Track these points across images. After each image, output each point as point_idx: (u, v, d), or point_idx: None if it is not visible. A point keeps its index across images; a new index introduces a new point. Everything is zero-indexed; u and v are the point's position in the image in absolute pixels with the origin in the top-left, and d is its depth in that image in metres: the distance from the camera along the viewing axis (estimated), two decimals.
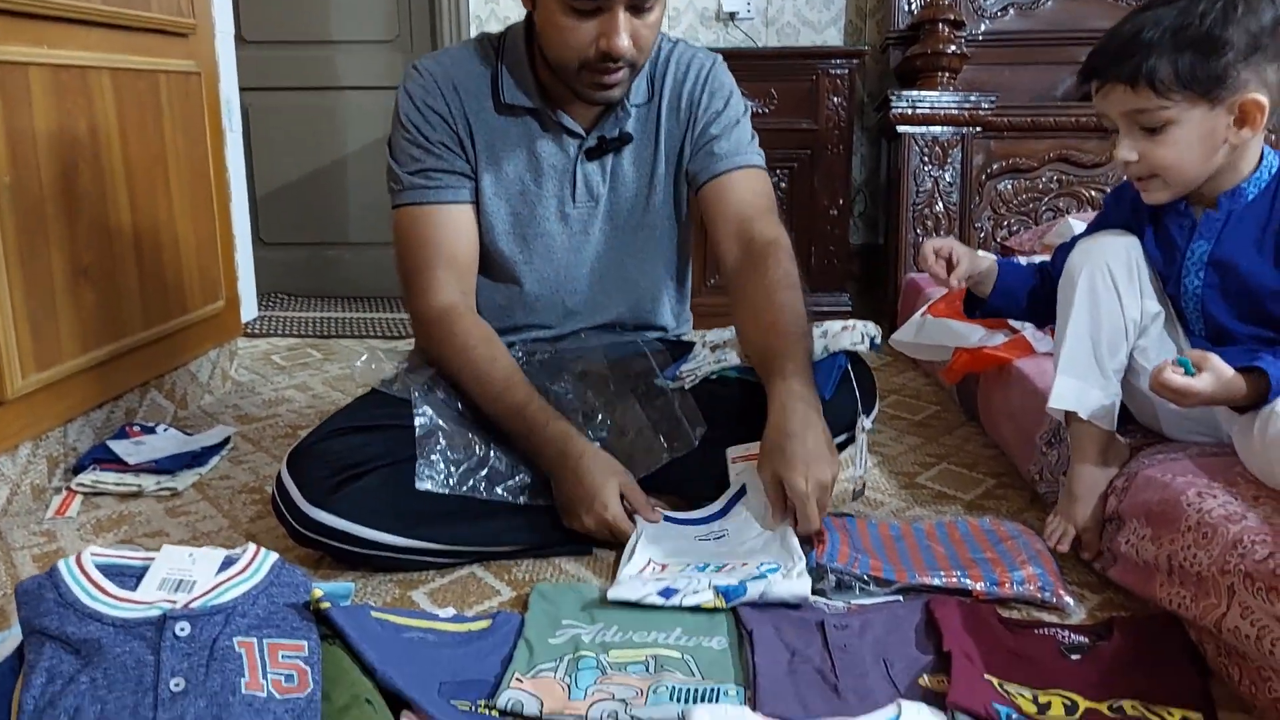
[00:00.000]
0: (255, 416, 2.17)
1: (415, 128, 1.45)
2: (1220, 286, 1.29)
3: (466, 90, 1.46)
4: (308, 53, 3.48)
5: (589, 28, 1.32)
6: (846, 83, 3.00)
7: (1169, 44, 1.19)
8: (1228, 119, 1.21)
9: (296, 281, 3.60)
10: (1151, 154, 1.24)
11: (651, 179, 1.56)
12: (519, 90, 1.46)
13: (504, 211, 1.49)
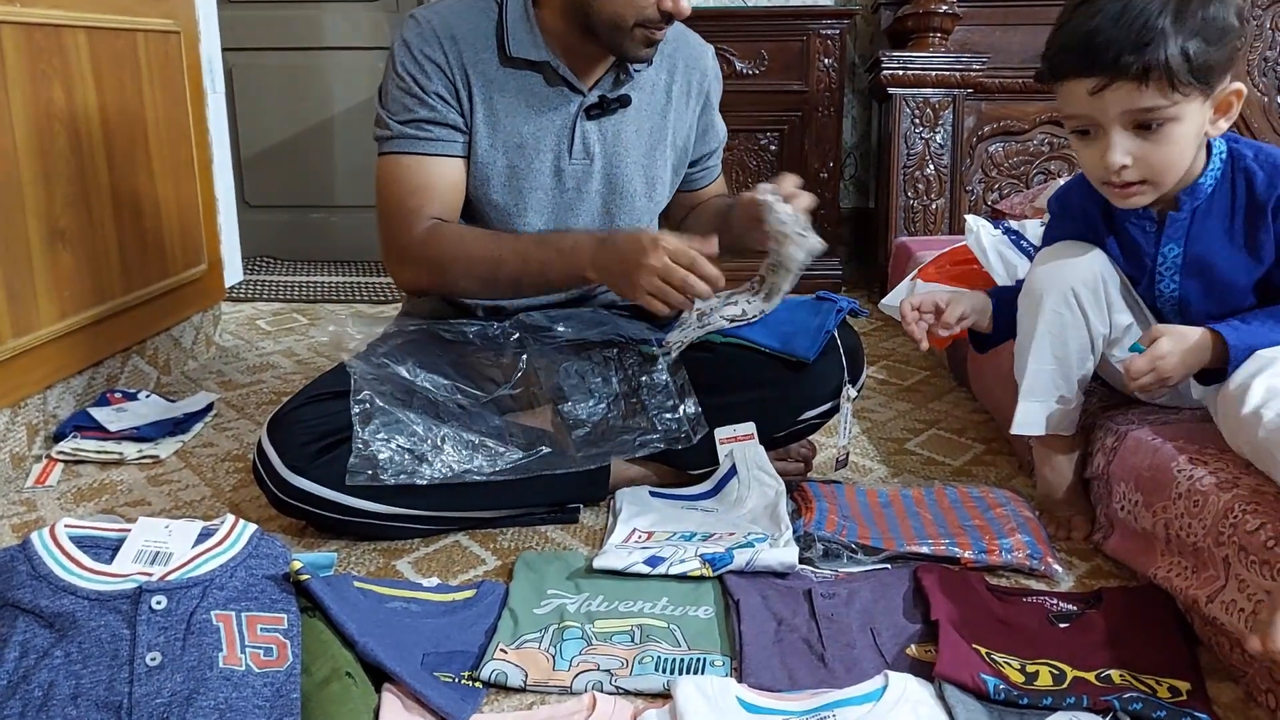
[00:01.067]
0: (239, 383, 2.15)
1: (411, 76, 1.42)
2: (1200, 288, 1.24)
3: (466, 41, 1.44)
4: (292, 12, 3.42)
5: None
6: (837, 44, 2.96)
7: (1179, 31, 1.07)
8: (1210, 112, 1.14)
9: (282, 245, 3.56)
10: (1149, 156, 1.14)
11: (652, 148, 1.54)
12: (527, 42, 1.44)
13: (500, 163, 1.46)
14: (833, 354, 1.47)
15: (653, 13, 1.36)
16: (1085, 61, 1.11)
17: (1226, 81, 1.13)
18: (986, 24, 2.99)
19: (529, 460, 1.32)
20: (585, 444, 1.35)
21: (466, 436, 1.33)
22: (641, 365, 1.42)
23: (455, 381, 1.38)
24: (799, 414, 1.48)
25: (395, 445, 1.28)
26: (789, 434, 1.51)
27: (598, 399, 1.39)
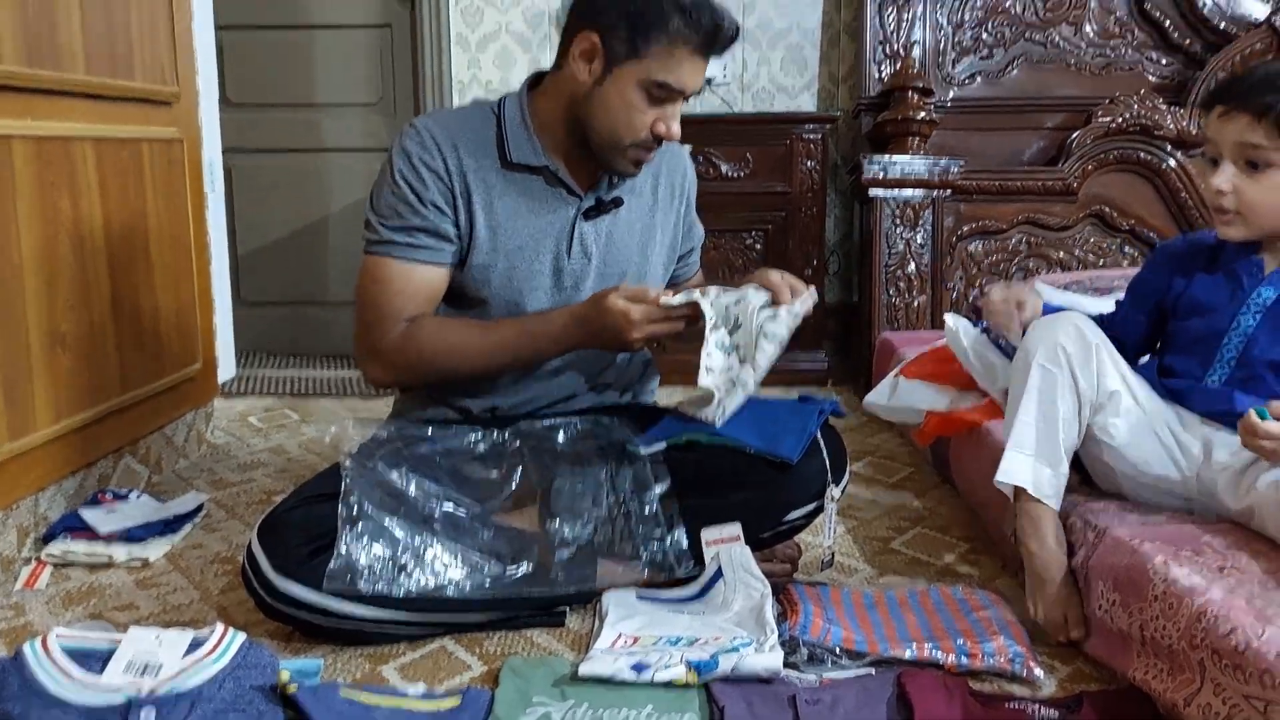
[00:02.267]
0: (230, 481, 2.16)
1: (408, 184, 1.48)
2: (1272, 332, 1.34)
3: (467, 149, 1.50)
4: (292, 115, 3.52)
5: (653, 113, 1.45)
6: (820, 147, 3.06)
7: None
8: None
9: (276, 340, 3.60)
10: (1246, 190, 1.31)
11: (643, 245, 1.61)
12: (526, 149, 1.51)
13: (501, 265, 1.51)
14: (816, 455, 1.50)
15: (647, 135, 1.46)
16: (1224, 91, 1.33)
17: None
18: (963, 129, 3.10)
19: (510, 581, 1.34)
20: (568, 566, 1.37)
21: (450, 547, 1.34)
22: (635, 490, 1.44)
23: (447, 489, 1.40)
24: (784, 515, 1.50)
25: (376, 553, 1.29)
26: (774, 534, 1.53)
27: (585, 521, 1.41)
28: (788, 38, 3.37)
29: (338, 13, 3.45)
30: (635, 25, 1.41)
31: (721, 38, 1.45)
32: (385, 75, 3.49)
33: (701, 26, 1.42)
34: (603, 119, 1.46)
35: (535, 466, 1.46)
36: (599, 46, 1.44)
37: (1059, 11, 3.12)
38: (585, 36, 1.44)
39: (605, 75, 1.44)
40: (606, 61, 1.44)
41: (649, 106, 1.45)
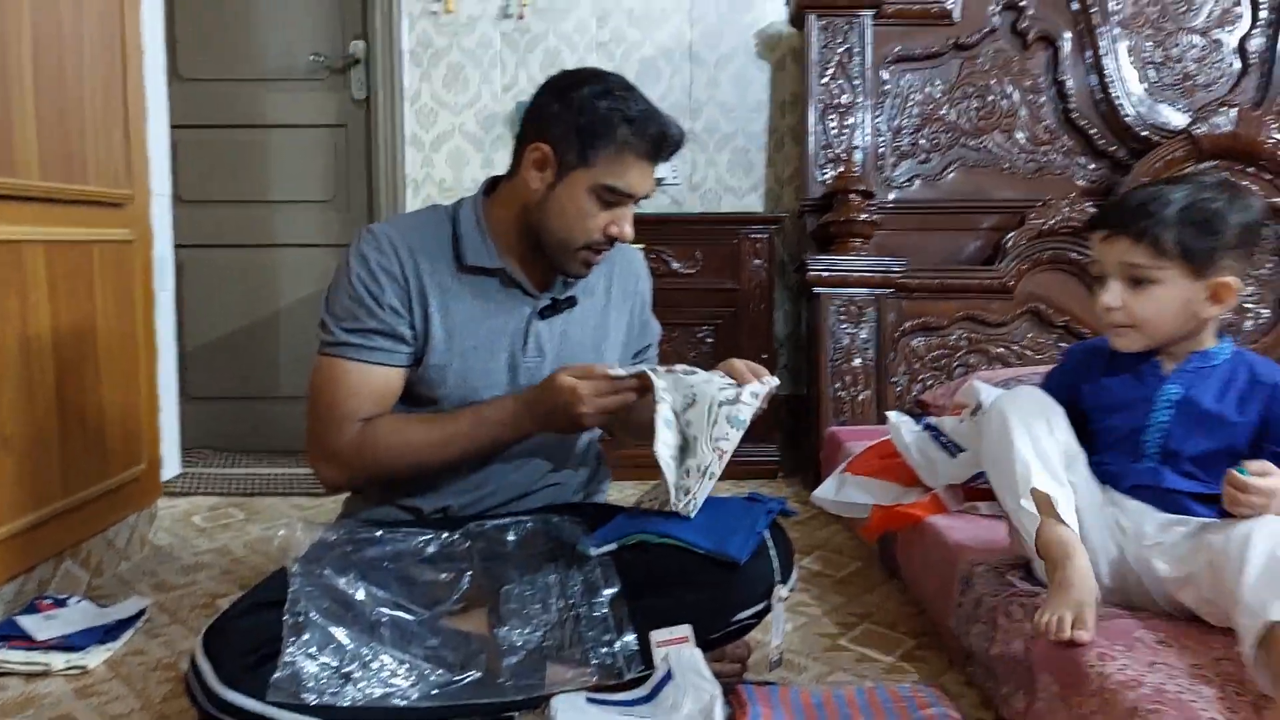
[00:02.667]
0: (173, 584, 2.12)
1: (364, 288, 1.50)
2: (1185, 420, 1.42)
3: (423, 252, 1.53)
4: (244, 212, 3.55)
5: (605, 216, 1.51)
6: (767, 245, 3.15)
7: (1176, 217, 1.37)
8: (1204, 294, 1.38)
9: (223, 436, 3.56)
10: (1132, 305, 1.40)
11: (596, 343, 1.65)
12: (482, 252, 1.55)
13: (456, 365, 1.54)
14: (764, 555, 1.52)
15: (599, 237, 1.52)
16: (1106, 216, 1.46)
17: (1220, 274, 1.38)
18: (904, 229, 3.21)
19: (458, 689, 1.33)
20: (517, 671, 1.36)
21: (398, 656, 1.33)
22: (585, 594, 1.44)
23: (396, 595, 1.39)
24: (732, 615, 1.51)
25: (322, 662, 1.28)
26: (723, 635, 1.53)
27: (535, 626, 1.41)
28: (734, 141, 3.49)
29: (293, 113, 3.52)
30: (584, 135, 1.48)
31: (668, 145, 1.52)
32: (339, 173, 3.55)
33: (648, 134, 1.49)
34: (556, 223, 1.51)
35: (484, 569, 1.46)
36: (550, 156, 1.50)
37: (991, 120, 3.27)
38: (537, 147, 1.50)
39: (557, 182, 1.50)
40: (558, 169, 1.50)
41: (600, 210, 1.50)
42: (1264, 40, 3.21)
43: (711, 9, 3.46)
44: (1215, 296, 1.39)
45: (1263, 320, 3.15)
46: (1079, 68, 3.24)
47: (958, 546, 1.72)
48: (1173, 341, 1.44)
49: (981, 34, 3.24)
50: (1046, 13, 3.23)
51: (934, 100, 3.27)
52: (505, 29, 3.43)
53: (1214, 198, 1.39)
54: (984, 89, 3.27)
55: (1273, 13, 3.20)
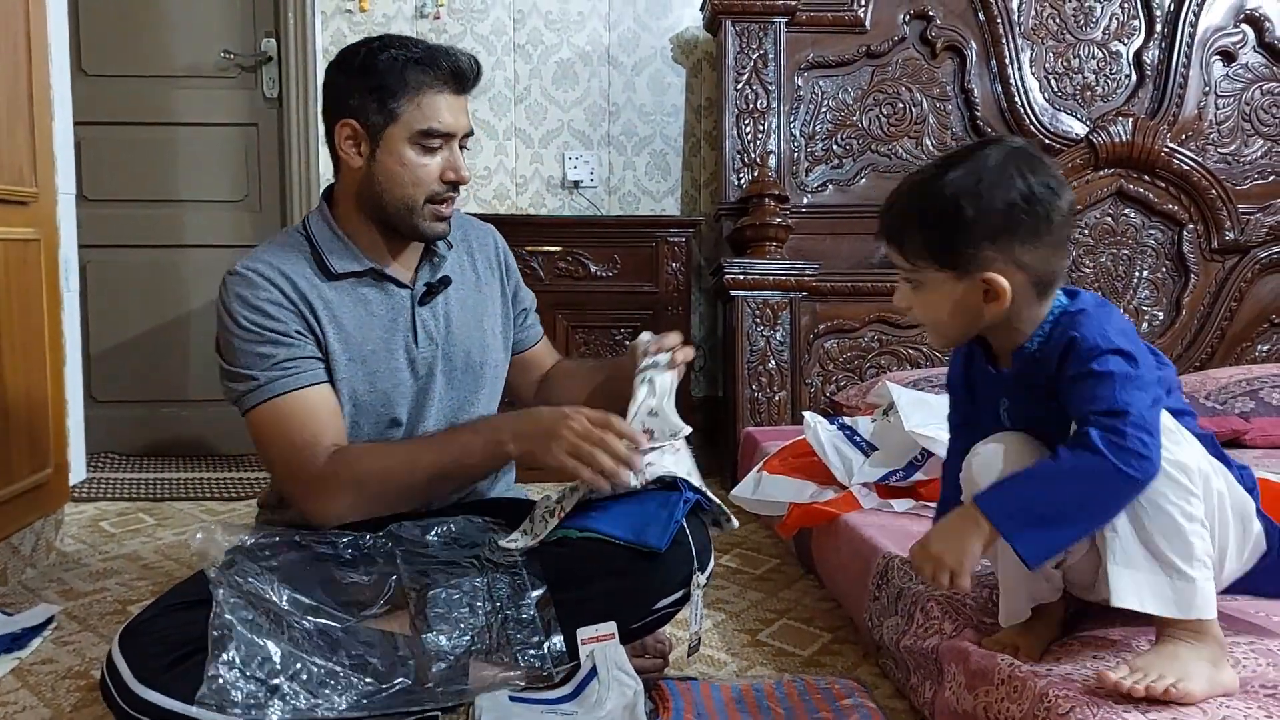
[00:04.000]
0: (81, 591, 2.07)
1: (258, 327, 1.48)
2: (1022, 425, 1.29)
3: (296, 273, 1.52)
4: (152, 211, 3.46)
5: (435, 162, 1.51)
6: (684, 249, 3.19)
7: (916, 213, 1.23)
8: (978, 292, 1.22)
9: (130, 441, 3.47)
10: (916, 307, 1.29)
11: (479, 320, 1.67)
12: (346, 257, 1.55)
13: (360, 373, 1.54)
14: (682, 543, 1.54)
15: (438, 186, 1.53)
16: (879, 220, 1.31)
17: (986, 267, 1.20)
18: (816, 233, 3.28)
19: (386, 697, 1.33)
20: (445, 678, 1.37)
21: (325, 665, 1.31)
22: (511, 596, 1.45)
23: (320, 600, 1.38)
24: (652, 603, 1.53)
25: (249, 674, 1.26)
26: (643, 625, 1.56)
27: (462, 631, 1.41)
28: (651, 144, 3.52)
29: (203, 111, 3.45)
30: (380, 93, 1.49)
31: (463, 73, 1.53)
32: (251, 173, 3.49)
33: (441, 68, 1.50)
34: (391, 188, 1.52)
35: (408, 570, 1.46)
36: (358, 128, 1.51)
37: (901, 126, 3.36)
38: (343, 125, 1.52)
39: (375, 148, 1.51)
40: (370, 136, 1.51)
41: (427, 158, 1.51)
42: (1158, 53, 3.36)
43: (628, 13, 3.49)
44: (989, 294, 1.22)
45: (1158, 323, 3.31)
46: (985, 76, 3.36)
47: (872, 542, 1.77)
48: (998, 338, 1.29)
49: (892, 42, 3.33)
50: (954, 23, 3.33)
51: (846, 106, 3.35)
52: (421, 29, 3.41)
53: (960, 183, 1.20)
54: (894, 96, 3.36)
55: (1166, 26, 3.35)
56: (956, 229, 1.20)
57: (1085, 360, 1.18)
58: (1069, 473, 1.16)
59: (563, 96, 3.48)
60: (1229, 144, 3.38)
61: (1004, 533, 1.17)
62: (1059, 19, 3.36)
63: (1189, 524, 1.15)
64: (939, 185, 1.21)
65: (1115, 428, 1.13)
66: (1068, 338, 1.21)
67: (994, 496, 1.20)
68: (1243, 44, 3.40)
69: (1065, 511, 1.17)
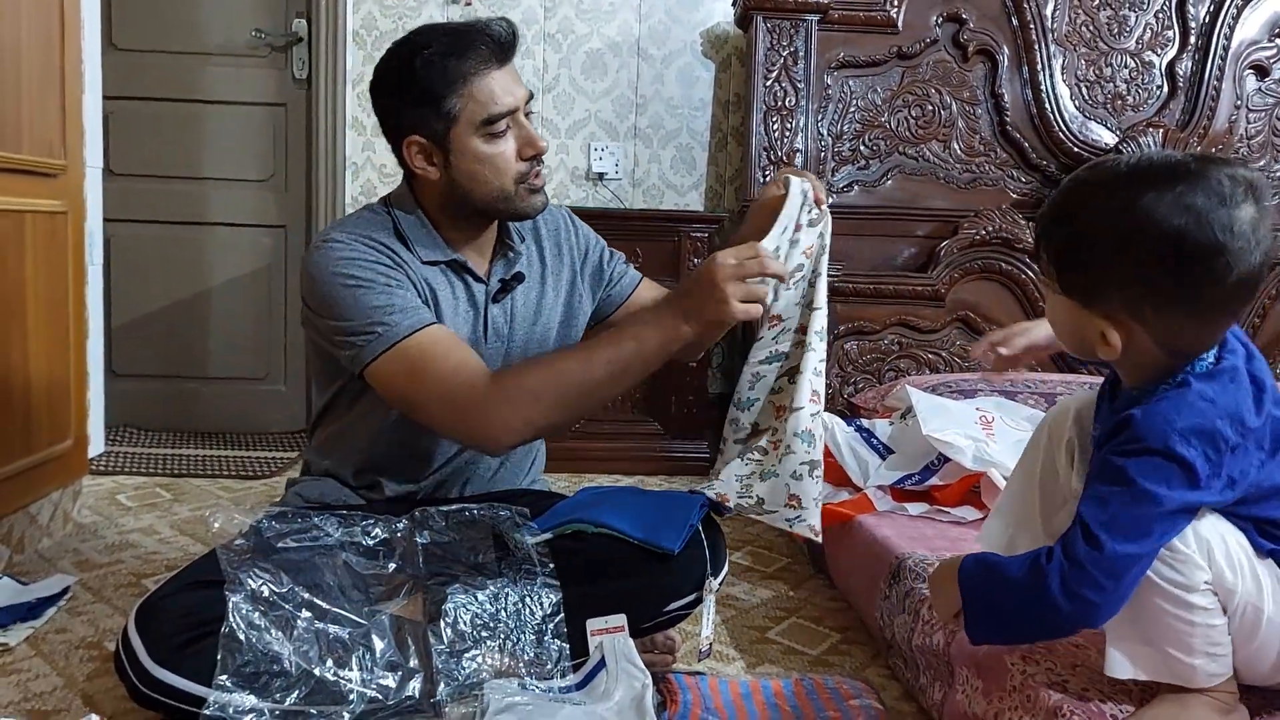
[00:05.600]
0: (97, 563, 2.08)
1: (368, 281, 1.44)
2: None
3: (391, 246, 1.51)
4: (177, 188, 3.48)
5: (509, 145, 1.48)
6: (706, 245, 3.18)
7: (1064, 226, 1.10)
8: (1096, 328, 1.09)
9: (148, 415, 3.50)
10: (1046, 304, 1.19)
11: (539, 316, 1.66)
12: (431, 246, 1.54)
13: None
14: (697, 547, 1.55)
15: (520, 165, 1.50)
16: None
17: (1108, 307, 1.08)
18: (839, 234, 3.21)
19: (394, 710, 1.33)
20: (454, 695, 1.37)
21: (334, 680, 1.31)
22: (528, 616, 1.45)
23: (335, 601, 1.37)
24: (664, 605, 1.54)
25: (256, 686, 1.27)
26: (654, 625, 1.56)
27: (472, 656, 1.40)
28: (678, 138, 3.52)
29: (232, 89, 3.46)
30: (429, 99, 1.46)
31: (498, 42, 1.48)
32: (278, 153, 3.50)
33: (476, 51, 1.46)
34: (478, 185, 1.50)
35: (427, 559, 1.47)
36: (423, 141, 1.49)
37: (929, 129, 3.34)
38: (409, 144, 1.50)
39: (447, 155, 1.49)
40: (438, 145, 1.49)
41: (500, 143, 1.48)
42: (1191, 64, 3.33)
43: (660, 5, 3.48)
44: (1102, 338, 1.09)
45: None
46: (1016, 82, 3.33)
47: (886, 543, 1.77)
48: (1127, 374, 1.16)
49: (924, 44, 3.31)
50: (987, 26, 3.31)
51: (875, 107, 3.33)
52: (452, 14, 3.41)
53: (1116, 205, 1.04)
54: (924, 98, 3.34)
55: (1201, 38, 3.32)
56: (1079, 261, 1.08)
57: (1127, 446, 1.05)
58: (1021, 584, 1.08)
59: (591, 87, 3.48)
60: (1259, 159, 3.34)
61: (964, 604, 1.14)
62: (1093, 27, 3.33)
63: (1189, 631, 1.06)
64: (1100, 199, 1.07)
65: (1080, 560, 1.03)
66: (1144, 425, 1.04)
67: (972, 569, 1.16)
68: (1276, 58, 3.36)
69: (1011, 618, 1.12)
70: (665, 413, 3.21)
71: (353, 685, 1.32)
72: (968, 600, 1.14)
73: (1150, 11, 3.33)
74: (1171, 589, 1.06)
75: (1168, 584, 1.06)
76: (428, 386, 1.41)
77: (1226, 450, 1.03)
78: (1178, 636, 1.07)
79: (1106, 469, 1.06)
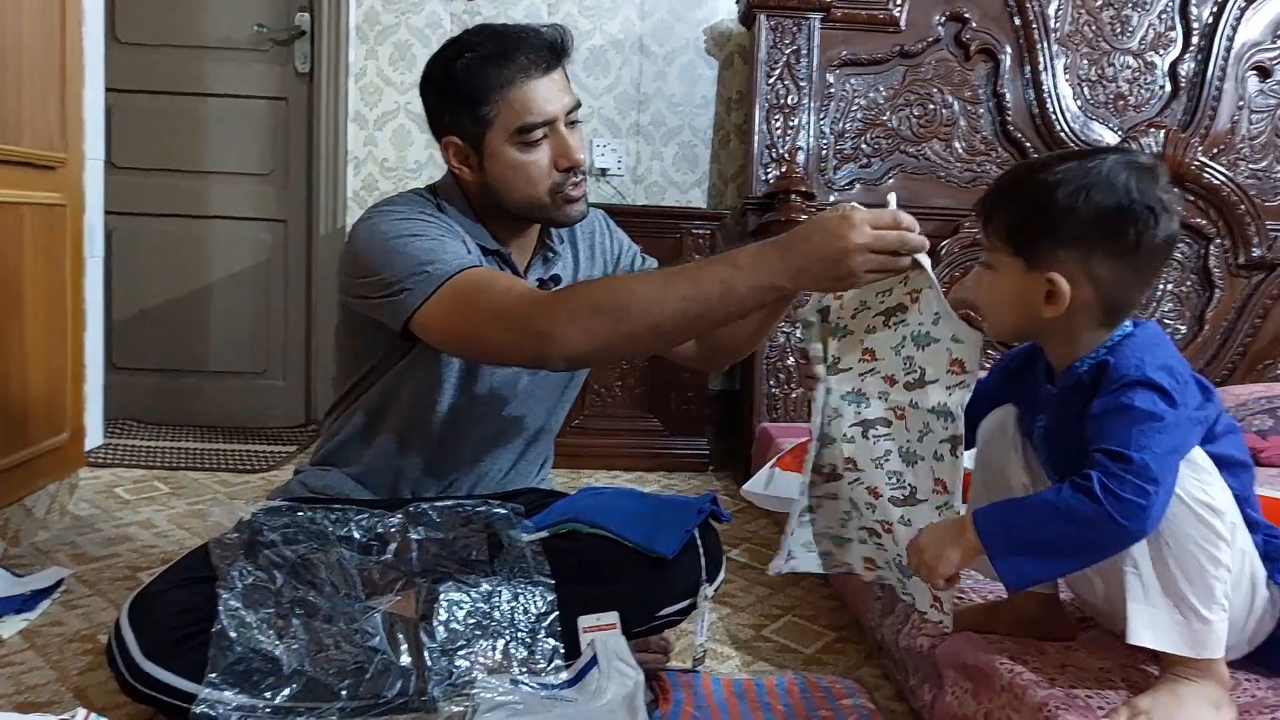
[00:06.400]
0: (93, 556, 2.09)
1: (418, 231, 1.41)
2: (1061, 462, 1.23)
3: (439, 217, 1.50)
4: (179, 181, 3.48)
5: (544, 155, 1.46)
6: (708, 242, 3.18)
7: (1008, 197, 1.19)
8: (1040, 291, 1.17)
9: (148, 408, 3.50)
10: (979, 289, 1.24)
11: None
12: (480, 235, 1.53)
13: None
14: (692, 552, 1.54)
15: (555, 176, 1.48)
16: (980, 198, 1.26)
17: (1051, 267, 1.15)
18: None
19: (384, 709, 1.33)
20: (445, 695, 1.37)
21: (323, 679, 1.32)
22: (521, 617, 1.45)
23: (328, 600, 1.37)
24: (657, 610, 1.53)
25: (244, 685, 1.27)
26: (647, 629, 1.55)
27: (464, 655, 1.40)
28: (680, 135, 3.51)
29: (234, 83, 3.46)
30: (467, 103, 1.45)
31: (543, 51, 1.44)
32: (279, 147, 3.50)
33: (518, 59, 1.43)
34: (510, 191, 1.49)
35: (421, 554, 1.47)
36: (460, 143, 1.49)
37: (931, 128, 3.34)
38: (446, 143, 1.50)
39: (482, 159, 1.48)
40: (474, 148, 1.48)
41: (535, 153, 1.46)
42: (1194, 65, 3.32)
43: (663, 2, 3.47)
44: (1049, 296, 1.17)
45: (1180, 337, 3.27)
46: (1018, 81, 3.32)
47: None
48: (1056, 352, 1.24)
49: (926, 43, 3.30)
50: (989, 26, 3.30)
51: (877, 105, 3.33)
52: (455, 9, 3.41)
53: (1064, 175, 1.15)
54: (926, 97, 3.33)
55: (1203, 39, 3.31)
56: (1039, 218, 1.16)
57: (1112, 389, 1.13)
58: (1064, 512, 1.10)
59: (593, 83, 3.47)
60: (1260, 160, 3.34)
61: (990, 553, 1.14)
62: (1095, 26, 3.32)
63: (1214, 569, 1.10)
64: (1043, 173, 1.16)
65: (1116, 473, 1.07)
66: (1101, 362, 1.17)
67: (990, 515, 1.16)
68: (1278, 60, 3.35)
69: (1053, 547, 1.13)
70: (665, 409, 3.21)
71: (343, 682, 1.32)
72: (993, 543, 1.14)
73: (1153, 12, 3.32)
74: (1200, 510, 1.11)
75: (1195, 504, 1.11)
76: (481, 308, 1.34)
77: (1182, 382, 1.14)
78: (1201, 574, 1.10)
79: (1104, 414, 1.13)
